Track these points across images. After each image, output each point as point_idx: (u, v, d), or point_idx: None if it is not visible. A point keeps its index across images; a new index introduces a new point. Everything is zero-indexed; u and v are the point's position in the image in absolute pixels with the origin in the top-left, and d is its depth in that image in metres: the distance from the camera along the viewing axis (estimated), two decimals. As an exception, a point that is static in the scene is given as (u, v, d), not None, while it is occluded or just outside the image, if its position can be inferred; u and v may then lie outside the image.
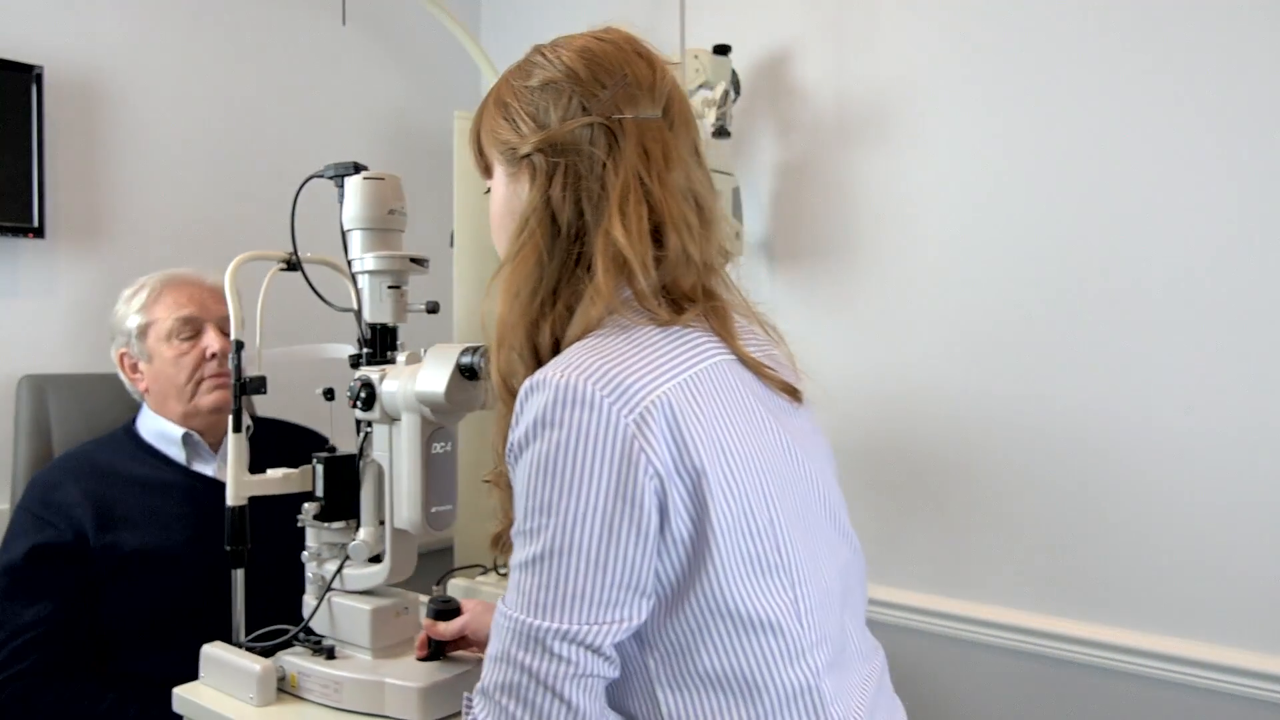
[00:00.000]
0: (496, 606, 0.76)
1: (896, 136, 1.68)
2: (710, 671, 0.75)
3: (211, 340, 1.44)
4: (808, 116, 1.79)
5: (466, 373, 1.06)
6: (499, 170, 0.87)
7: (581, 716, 0.72)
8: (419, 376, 1.08)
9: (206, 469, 1.46)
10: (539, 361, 0.78)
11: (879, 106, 1.70)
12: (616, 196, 0.78)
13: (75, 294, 1.67)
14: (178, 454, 1.45)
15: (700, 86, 1.75)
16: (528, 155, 0.82)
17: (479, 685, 0.76)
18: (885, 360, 1.69)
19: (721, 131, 1.73)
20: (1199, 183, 1.38)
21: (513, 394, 0.77)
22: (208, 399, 1.44)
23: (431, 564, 1.85)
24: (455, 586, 1.63)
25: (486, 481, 0.90)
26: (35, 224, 1.57)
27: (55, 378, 1.56)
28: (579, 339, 0.77)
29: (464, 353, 1.06)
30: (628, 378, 0.72)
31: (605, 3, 2.14)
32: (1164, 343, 1.41)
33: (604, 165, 0.79)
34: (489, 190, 0.90)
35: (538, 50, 0.86)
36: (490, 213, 0.89)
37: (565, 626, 0.71)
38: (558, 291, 0.80)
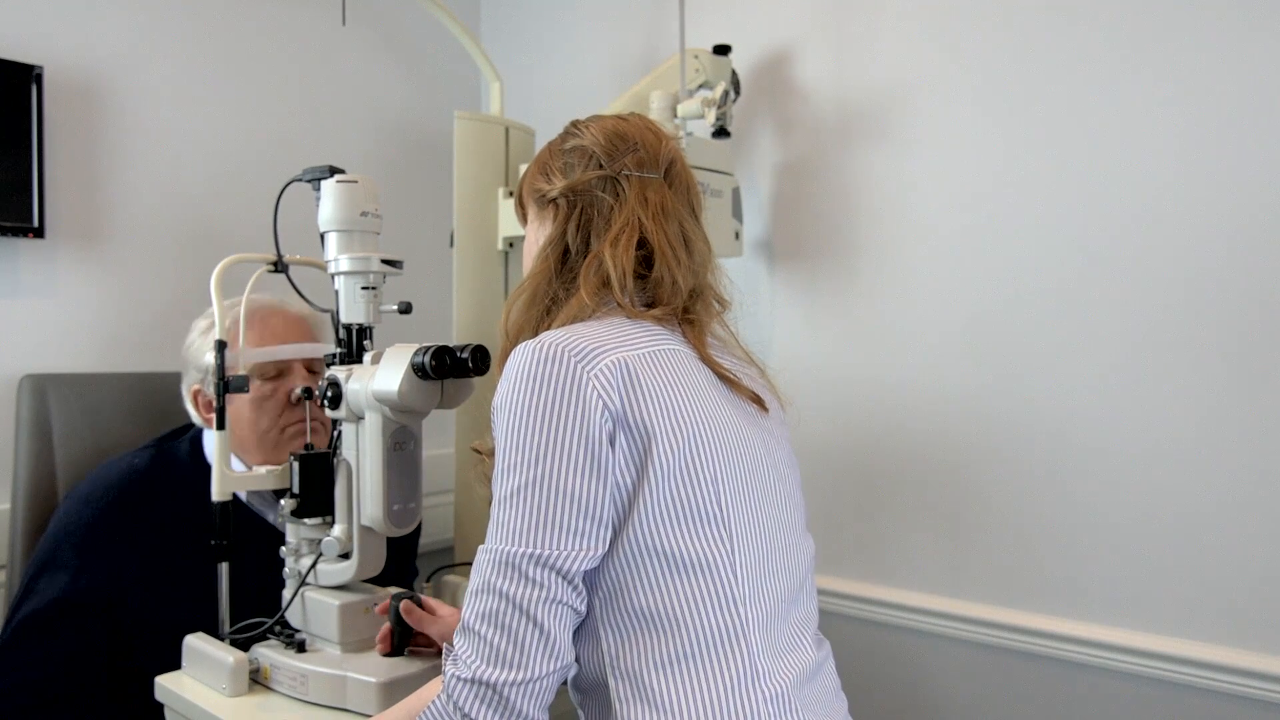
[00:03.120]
0: (477, 551, 0.86)
1: (896, 137, 1.68)
2: (643, 608, 0.84)
3: (297, 380, 1.34)
4: (808, 116, 1.80)
5: (419, 372, 1.07)
6: (532, 215, 1.06)
7: (552, 642, 0.81)
8: (376, 376, 1.10)
9: (267, 513, 1.40)
10: None
11: (879, 107, 1.70)
12: (614, 230, 0.97)
13: (75, 294, 1.67)
14: (241, 492, 1.37)
15: (700, 86, 1.75)
16: (554, 199, 1.01)
17: (459, 624, 0.85)
18: (884, 359, 1.69)
19: (721, 131, 1.73)
20: (1196, 183, 1.38)
21: None
22: (294, 445, 1.34)
23: (432, 562, 1.86)
24: (448, 584, 1.63)
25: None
26: (35, 224, 1.57)
27: (56, 377, 1.56)
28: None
29: (417, 352, 1.08)
30: (591, 344, 0.86)
31: (606, 4, 2.15)
32: (1164, 342, 1.41)
33: (611, 208, 0.99)
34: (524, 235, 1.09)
35: (573, 124, 1.06)
36: (524, 250, 1.08)
37: (538, 551, 0.81)
38: (558, 301, 0.98)
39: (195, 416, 1.41)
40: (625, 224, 0.97)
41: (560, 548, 0.81)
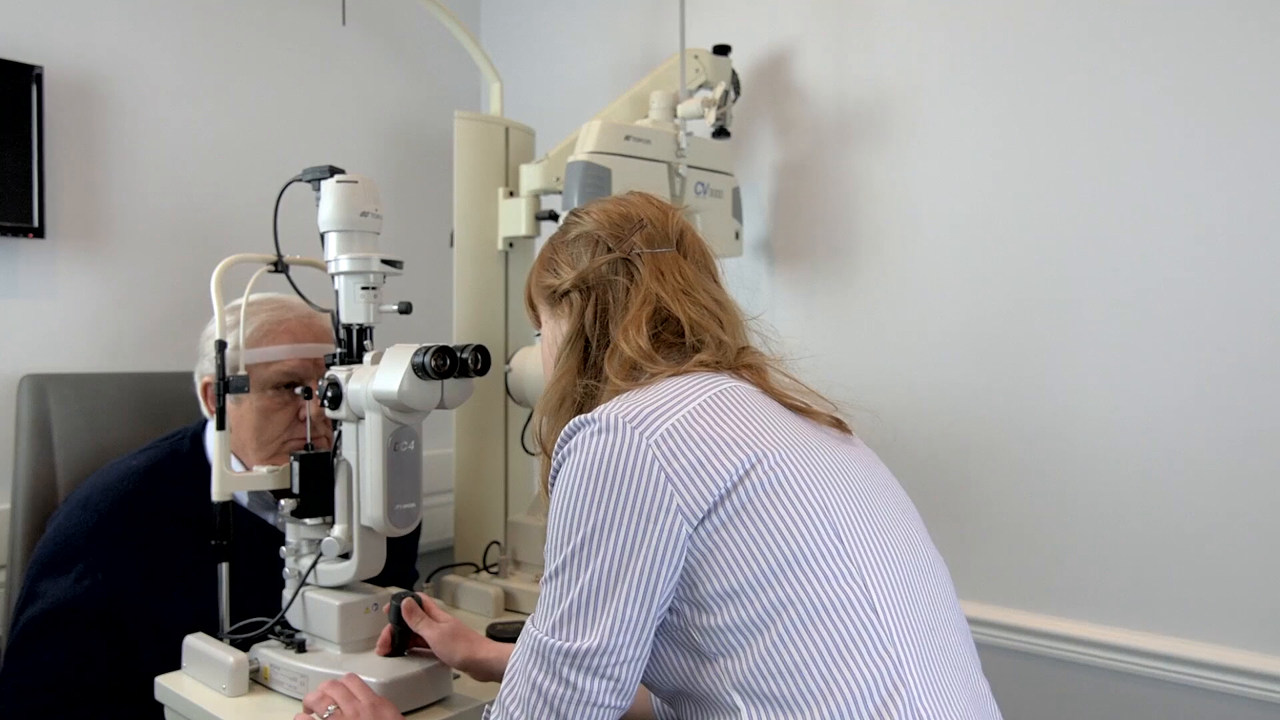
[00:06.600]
0: (525, 622, 0.82)
1: (896, 137, 1.68)
2: (783, 670, 0.74)
3: (309, 404, 1.30)
4: (808, 116, 1.80)
5: (420, 372, 1.08)
6: (544, 314, 1.01)
7: None
8: (376, 376, 1.10)
9: (266, 515, 1.39)
10: None
11: (879, 107, 1.70)
12: (634, 312, 0.91)
13: (75, 294, 1.67)
14: (240, 494, 1.36)
15: (700, 86, 1.75)
16: (566, 293, 0.96)
17: (498, 696, 0.83)
18: (884, 360, 1.69)
19: (721, 131, 1.73)
20: (1195, 183, 1.38)
21: None
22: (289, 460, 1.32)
23: (432, 562, 1.86)
24: (447, 584, 1.63)
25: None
26: (35, 224, 1.57)
27: (57, 377, 1.56)
28: None
29: (418, 352, 1.08)
30: (647, 409, 0.80)
31: (606, 4, 2.15)
32: (1165, 343, 1.41)
33: (626, 289, 0.93)
34: (539, 334, 1.04)
35: (573, 212, 1.01)
36: (542, 353, 1.03)
37: (574, 645, 0.76)
38: (593, 392, 0.92)
39: (203, 408, 1.40)
40: (644, 303, 0.91)
41: (599, 639, 0.76)
